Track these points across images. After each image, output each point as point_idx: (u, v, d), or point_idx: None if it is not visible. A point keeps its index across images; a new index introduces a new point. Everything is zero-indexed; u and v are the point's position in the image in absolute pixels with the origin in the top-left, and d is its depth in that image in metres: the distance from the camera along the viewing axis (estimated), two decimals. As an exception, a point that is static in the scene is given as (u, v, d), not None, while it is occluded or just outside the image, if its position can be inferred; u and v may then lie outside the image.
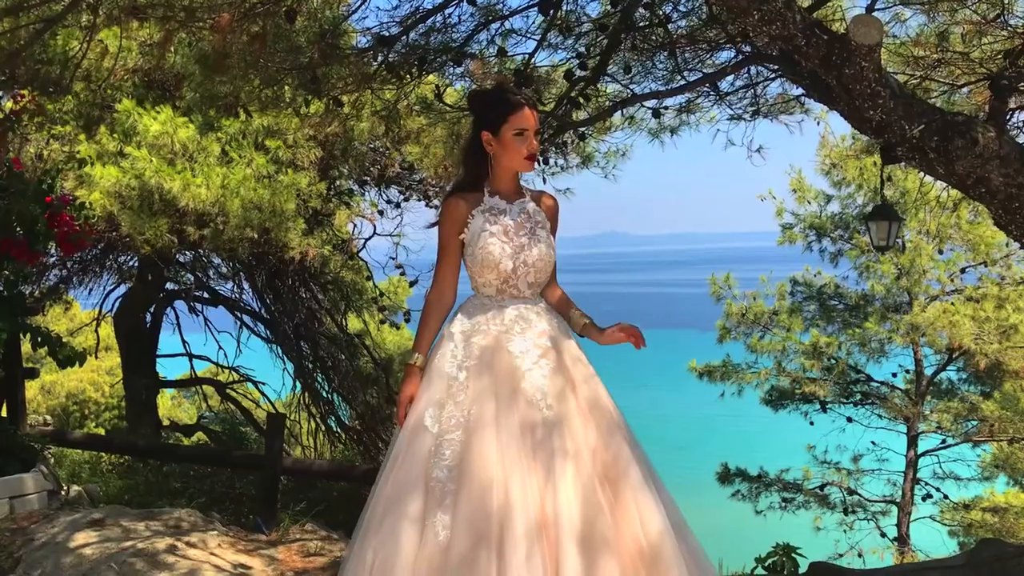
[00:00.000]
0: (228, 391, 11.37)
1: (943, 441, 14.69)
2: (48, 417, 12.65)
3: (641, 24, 5.06)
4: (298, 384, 10.41)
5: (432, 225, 3.00)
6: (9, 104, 5.32)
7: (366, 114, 5.96)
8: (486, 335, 2.82)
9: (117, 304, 10.40)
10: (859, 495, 14.81)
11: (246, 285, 10.49)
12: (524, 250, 2.87)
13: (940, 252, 14.03)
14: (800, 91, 5.04)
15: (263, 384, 11.41)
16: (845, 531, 14.39)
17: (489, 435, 2.62)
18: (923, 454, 14.61)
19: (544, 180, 7.89)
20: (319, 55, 4.50)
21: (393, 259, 9.47)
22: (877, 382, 14.82)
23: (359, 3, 4.72)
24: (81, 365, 5.68)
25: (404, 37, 4.78)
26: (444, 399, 2.72)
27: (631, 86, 5.50)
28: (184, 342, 11.12)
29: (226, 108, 6.34)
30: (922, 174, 7.12)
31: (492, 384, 2.72)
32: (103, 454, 8.69)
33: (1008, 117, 4.08)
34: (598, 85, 5.37)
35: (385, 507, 2.62)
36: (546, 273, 2.94)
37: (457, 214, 2.87)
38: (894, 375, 14.73)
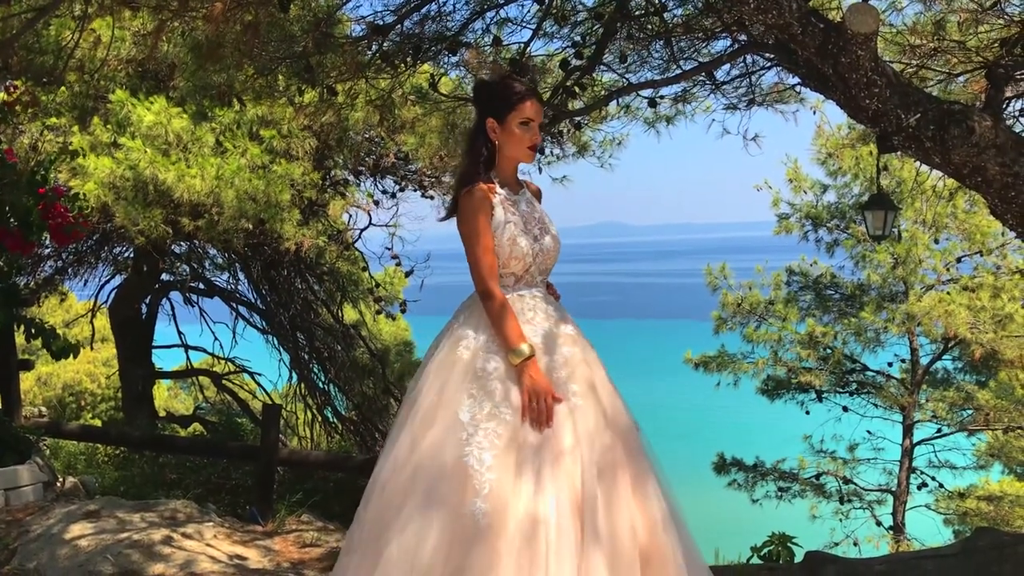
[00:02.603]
0: (224, 382, 11.38)
1: (938, 430, 14.72)
2: (44, 408, 12.63)
3: (637, 13, 5.04)
4: (294, 375, 10.42)
5: (446, 218, 2.95)
6: (2, 95, 5.29)
7: (361, 103, 5.93)
8: None
9: (112, 295, 10.38)
10: (855, 484, 14.84)
11: (242, 276, 10.49)
12: (538, 240, 2.89)
13: (936, 241, 14.03)
14: (796, 80, 5.02)
15: (259, 375, 11.43)
16: (841, 520, 14.42)
17: (520, 426, 2.62)
18: (918, 443, 14.64)
19: (540, 169, 7.87)
20: (313, 44, 4.48)
21: (389, 249, 9.47)
22: (873, 371, 14.84)
23: (353, -9, 4.70)
24: (75, 357, 5.65)
25: (399, 26, 4.75)
26: (472, 389, 2.70)
27: (627, 75, 5.47)
28: (180, 333, 11.12)
29: (220, 98, 6.31)
30: (918, 163, 7.11)
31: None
32: (99, 445, 8.69)
33: (1005, 106, 4.06)
34: (594, 74, 5.35)
35: (423, 490, 2.59)
36: (555, 261, 2.97)
37: (488, 204, 2.82)
38: (890, 364, 14.74)
